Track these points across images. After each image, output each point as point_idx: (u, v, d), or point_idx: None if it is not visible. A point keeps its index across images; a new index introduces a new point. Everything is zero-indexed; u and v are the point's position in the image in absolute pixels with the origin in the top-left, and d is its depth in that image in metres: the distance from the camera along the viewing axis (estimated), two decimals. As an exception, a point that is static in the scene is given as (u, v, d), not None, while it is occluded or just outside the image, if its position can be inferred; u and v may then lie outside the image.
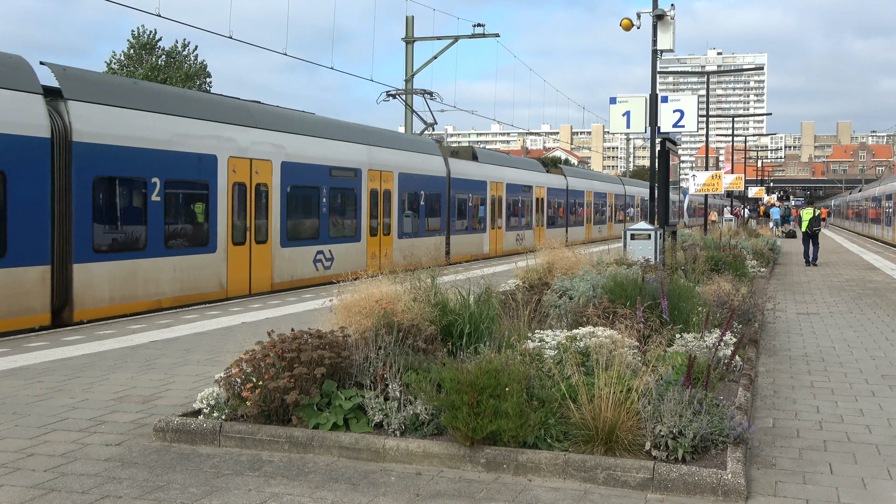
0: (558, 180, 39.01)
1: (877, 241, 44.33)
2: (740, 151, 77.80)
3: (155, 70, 44.02)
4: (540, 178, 36.24)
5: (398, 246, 22.49)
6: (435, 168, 25.46)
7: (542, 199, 35.71)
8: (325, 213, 19.28)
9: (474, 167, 28.86)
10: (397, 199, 22.63)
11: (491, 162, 30.94)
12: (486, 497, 5.03)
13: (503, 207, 30.92)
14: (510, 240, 31.58)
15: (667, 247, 14.35)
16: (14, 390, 7.90)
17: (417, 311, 7.23)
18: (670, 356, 7.40)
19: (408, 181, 23.32)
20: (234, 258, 16.07)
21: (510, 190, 31.73)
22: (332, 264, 19.31)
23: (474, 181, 28.45)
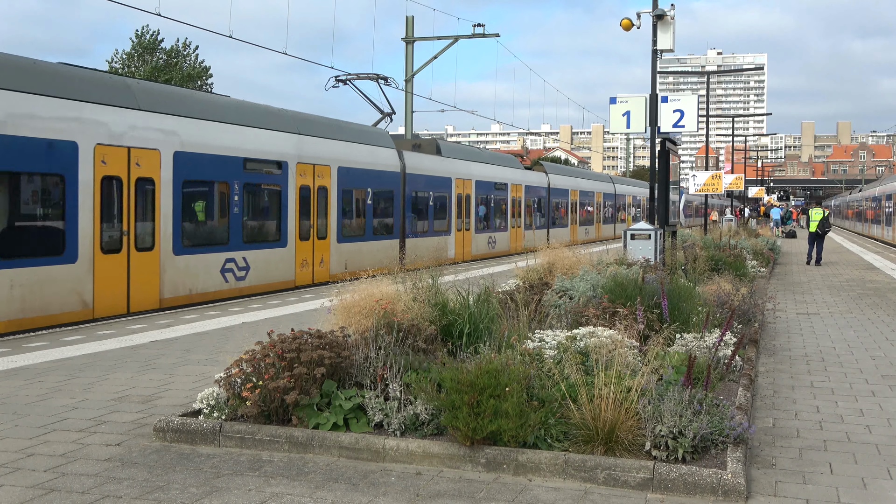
0: (538, 178, 36.17)
1: (877, 241, 44.33)
2: (740, 151, 77.83)
3: (157, 70, 44.03)
4: (517, 175, 33.16)
5: (338, 251, 19.83)
6: (386, 162, 22.53)
7: (518, 199, 32.84)
8: (236, 214, 16.32)
9: (436, 162, 25.94)
10: (337, 197, 19.78)
11: (457, 156, 28.01)
12: (486, 497, 5.03)
13: (472, 207, 28.11)
14: (481, 243, 28.92)
15: (667, 247, 14.34)
16: (14, 390, 7.90)
17: (417, 311, 7.24)
18: (670, 356, 7.40)
19: (350, 176, 20.48)
20: (103, 270, 13.00)
21: (481, 188, 28.94)
22: (248, 274, 16.60)
23: (436, 177, 25.53)
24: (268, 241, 17.40)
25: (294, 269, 18.02)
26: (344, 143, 20.54)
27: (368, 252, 20.92)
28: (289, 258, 17.98)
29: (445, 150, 27.26)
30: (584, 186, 43.48)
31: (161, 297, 14.31)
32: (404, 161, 23.55)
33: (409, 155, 24.15)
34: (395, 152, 23.22)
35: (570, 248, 12.79)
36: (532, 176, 35.51)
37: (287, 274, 17.79)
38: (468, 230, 27.82)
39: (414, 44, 33.79)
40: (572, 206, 40.73)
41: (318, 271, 18.91)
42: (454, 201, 26.66)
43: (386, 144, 22.94)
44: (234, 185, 16.24)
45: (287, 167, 17.89)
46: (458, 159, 27.78)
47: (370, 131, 22.84)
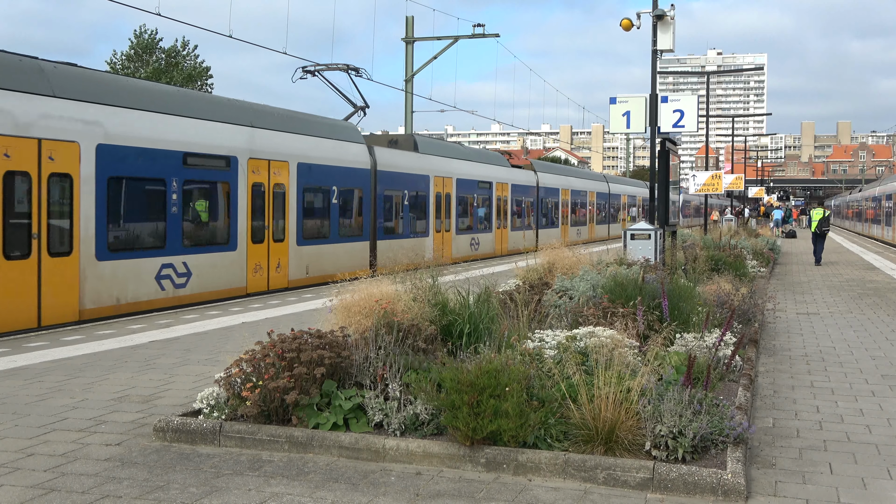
0: (526, 176, 34.27)
1: (877, 241, 44.33)
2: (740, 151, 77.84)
3: (157, 72, 44.00)
4: (502, 174, 31.27)
5: (298, 255, 18.18)
6: (353, 158, 20.75)
7: (504, 198, 31.07)
8: (175, 215, 14.69)
9: (412, 159, 24.29)
10: (296, 195, 18.15)
11: (436, 153, 26.15)
12: (486, 497, 5.03)
13: (452, 207, 26.45)
14: (462, 244, 27.13)
15: (667, 247, 14.34)
16: (14, 390, 7.90)
17: (417, 311, 7.24)
18: (670, 356, 7.40)
19: (313, 173, 18.87)
20: (6, 278, 11.61)
21: (462, 186, 27.27)
22: (190, 281, 15.05)
23: (412, 175, 23.86)
24: (214, 245, 15.80)
25: (245, 275, 16.44)
26: (305, 137, 18.95)
27: (333, 255, 19.47)
28: (239, 263, 16.34)
29: (423, 146, 25.49)
30: (576, 185, 41.71)
31: (81, 308, 12.80)
32: (375, 157, 21.89)
33: (381, 151, 22.55)
34: (365, 148, 21.58)
35: (570, 249, 12.77)
36: (519, 174, 33.76)
37: (237, 280, 16.24)
38: (448, 231, 26.14)
39: (414, 44, 33.79)
40: (563, 206, 38.95)
41: (275, 277, 17.42)
42: (432, 201, 25.03)
43: (355, 139, 21.26)
44: (172, 182, 14.62)
45: (237, 163, 16.29)
46: (437, 156, 26.06)
47: (336, 125, 21.03)
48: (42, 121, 12.29)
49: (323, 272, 18.71)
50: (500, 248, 30.63)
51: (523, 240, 32.63)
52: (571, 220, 40.24)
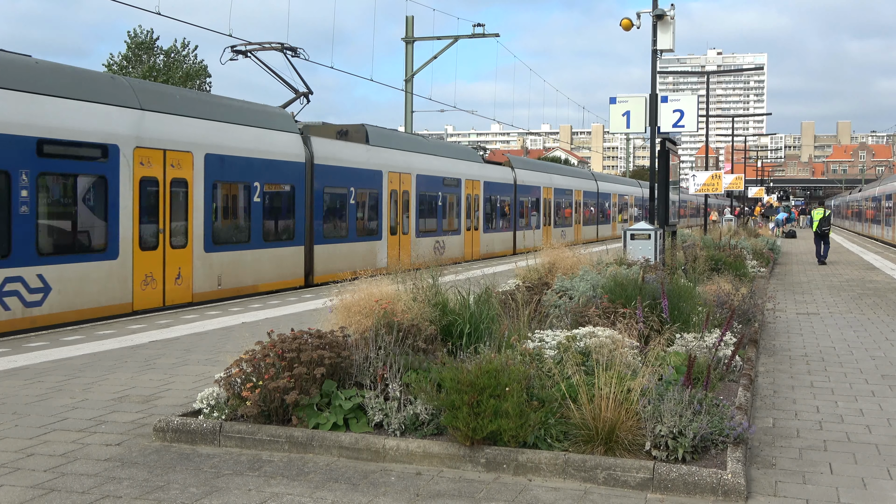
0: (502, 173, 31.37)
1: (877, 240, 44.34)
2: (740, 151, 77.83)
3: (153, 71, 43.97)
4: (473, 170, 28.32)
5: (206, 264, 15.30)
6: (283, 150, 17.85)
7: (475, 197, 28.22)
8: (25, 216, 11.88)
9: (360, 152, 21.30)
10: (203, 193, 15.25)
11: (392, 146, 23.30)
12: (486, 497, 5.03)
13: (412, 206, 23.78)
14: (424, 248, 24.23)
15: (667, 247, 14.35)
16: (14, 390, 7.90)
17: (417, 311, 7.24)
18: (670, 356, 7.40)
19: (225, 167, 16.00)
20: None
21: (424, 183, 24.46)
22: (49, 298, 12.28)
23: (360, 170, 20.99)
24: (84, 253, 13.00)
25: (131, 289, 13.65)
26: (217, 123, 16.05)
27: (256, 263, 16.75)
28: (121, 274, 13.46)
29: (375, 137, 22.58)
30: (560, 183, 38.58)
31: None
32: (312, 149, 18.92)
33: (320, 142, 19.50)
34: (299, 138, 18.64)
35: (571, 249, 12.77)
36: (493, 171, 30.81)
37: (118, 295, 13.47)
38: (406, 234, 23.43)
39: (414, 44, 33.80)
40: (545, 206, 35.84)
41: (173, 290, 14.52)
42: (386, 199, 22.22)
43: (285, 128, 18.33)
44: (21, 175, 11.83)
45: (117, 153, 13.43)
46: (393, 149, 23.24)
47: (262, 112, 18.06)
48: None
49: (241, 283, 16.38)
50: (471, 252, 28.00)
51: (498, 242, 30.42)
52: (555, 220, 37.24)
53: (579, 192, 41.45)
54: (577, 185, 41.62)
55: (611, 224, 47.76)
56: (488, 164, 30.69)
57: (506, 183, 31.48)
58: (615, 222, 48.90)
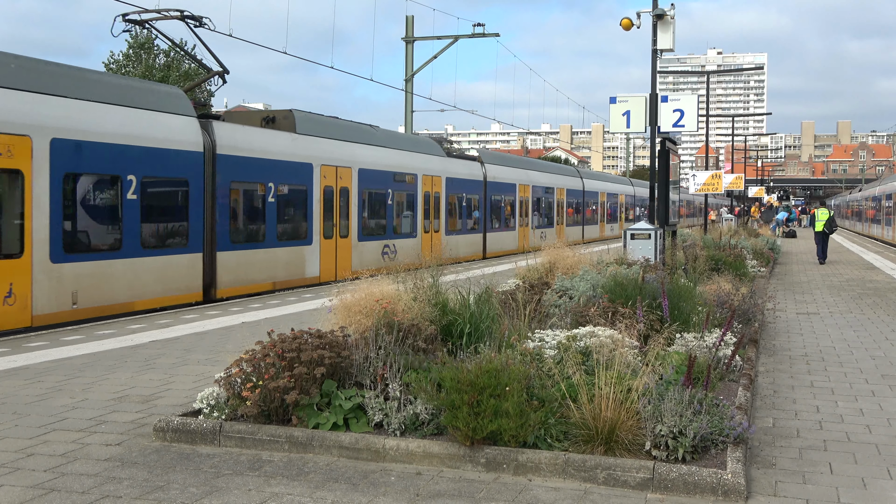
0: (468, 168, 28.17)
1: (877, 240, 44.34)
2: (740, 151, 77.85)
3: (153, 69, 43.95)
4: (432, 165, 25.27)
5: (55, 278, 12.38)
6: (170, 136, 14.83)
7: (435, 195, 25.22)
8: None
9: (282, 141, 17.99)
10: (48, 188, 12.25)
11: (325, 134, 19.87)
12: (486, 497, 5.03)
13: (352, 205, 20.47)
14: (369, 254, 21.14)
15: (667, 246, 14.35)
16: (14, 390, 7.90)
17: (417, 310, 7.23)
18: (670, 356, 7.40)
19: (83, 155, 12.97)
20: None
21: (369, 179, 21.25)
22: None
23: (282, 163, 17.72)
24: None
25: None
26: (71, 101, 13.10)
27: (131, 275, 13.79)
28: None
29: (305, 125, 19.25)
30: (539, 181, 35.30)
31: None
32: (213, 136, 15.84)
33: (225, 128, 16.36)
34: (195, 122, 15.60)
35: (572, 248, 12.76)
36: (458, 165, 27.49)
37: None
38: (345, 237, 20.10)
39: (414, 43, 33.80)
40: (521, 205, 32.73)
41: (2, 312, 11.62)
42: (318, 197, 18.92)
43: (177, 110, 15.35)
44: None
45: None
46: (328, 139, 19.88)
47: (140, 89, 15.29)
48: None
49: (109, 301, 13.45)
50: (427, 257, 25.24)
51: (464, 246, 27.11)
52: (534, 221, 34.13)
53: (562, 191, 38.35)
54: (560, 182, 38.44)
55: (598, 225, 44.92)
56: (452, 159, 27.57)
57: (473, 179, 28.35)
58: (603, 223, 46.16)
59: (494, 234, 29.69)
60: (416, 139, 26.97)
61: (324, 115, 21.22)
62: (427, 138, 28.15)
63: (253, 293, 15.54)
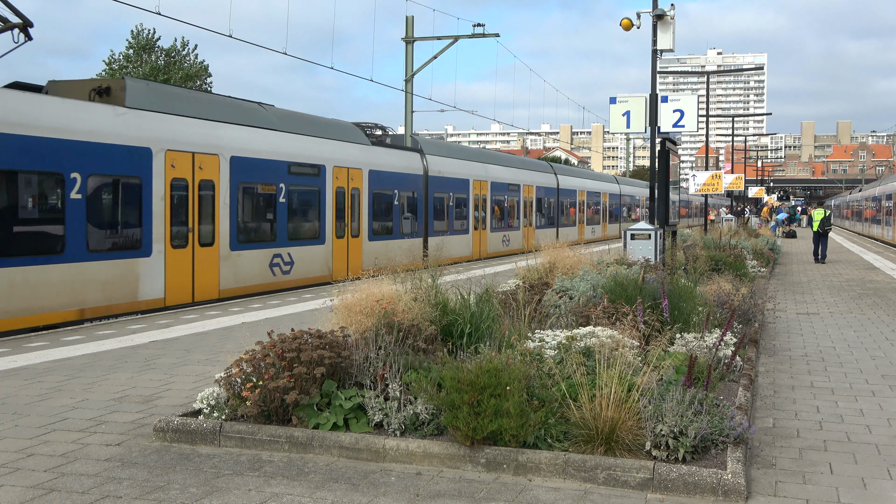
0: (403, 160, 23.40)
1: (877, 240, 44.34)
2: (740, 151, 77.85)
3: (155, 70, 43.97)
4: (348, 154, 20.30)
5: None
6: None
7: (355, 192, 20.39)
8: None
9: (99, 117, 13.68)
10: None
11: (174, 110, 15.49)
12: (486, 497, 5.03)
13: (220, 204, 15.82)
14: (249, 267, 16.51)
15: (667, 247, 14.35)
16: (14, 390, 7.90)
17: (418, 310, 7.23)
18: (671, 356, 7.40)
19: None
20: None
21: (245, 171, 16.44)
22: None
23: (103, 146, 13.41)
24: None
25: None
26: None
27: None
28: None
29: (140, 96, 14.98)
30: (500, 176, 30.49)
31: None
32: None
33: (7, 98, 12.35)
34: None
35: (573, 248, 12.75)
36: (387, 156, 22.68)
37: None
38: (210, 245, 15.52)
39: (414, 44, 33.78)
40: (477, 204, 28.11)
41: None
42: (161, 192, 14.52)
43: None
44: None
45: None
46: (178, 116, 15.44)
47: None
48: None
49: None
50: (344, 267, 19.67)
51: (397, 252, 20.89)
52: (493, 223, 29.61)
53: (529, 188, 33.50)
54: (528, 178, 33.67)
55: (577, 227, 40.09)
56: (379, 148, 22.79)
57: (410, 173, 23.60)
58: (582, 225, 41.22)
59: (440, 239, 24.55)
60: (325, 122, 21.72)
61: (176, 87, 16.72)
62: (345, 123, 22.63)
63: (35, 327, 12.03)
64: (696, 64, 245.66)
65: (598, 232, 44.18)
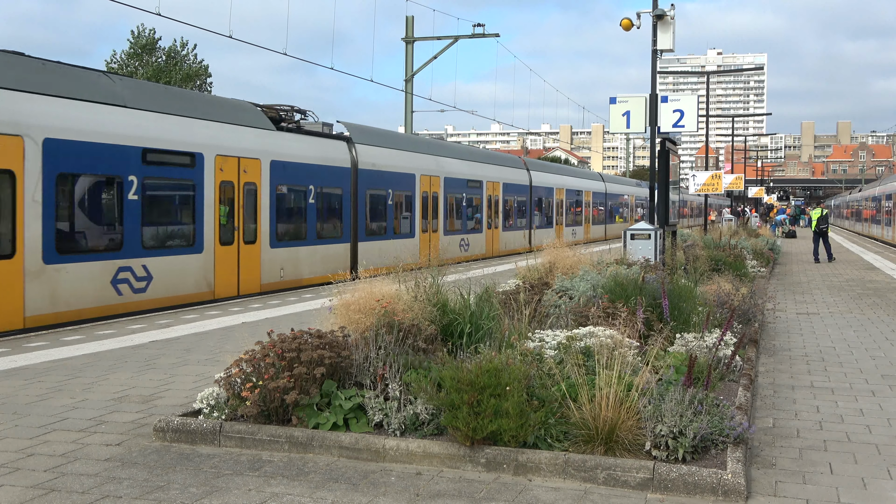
0: (322, 150, 19.37)
1: (877, 240, 44.33)
2: (740, 151, 77.82)
3: (158, 71, 43.94)
4: (241, 141, 16.79)
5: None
6: None
7: (249, 187, 16.78)
8: None
9: None
10: None
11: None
12: (486, 497, 5.03)
13: (24, 203, 11.93)
14: (79, 284, 12.84)
15: (667, 247, 14.34)
16: (14, 390, 7.90)
17: (418, 310, 7.23)
18: (671, 356, 7.40)
19: None
20: None
21: (72, 158, 12.75)
22: None
23: None
24: None
25: None
26: None
27: None
28: None
29: None
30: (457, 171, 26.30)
31: None
32: None
33: None
34: None
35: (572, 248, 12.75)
36: (298, 145, 18.69)
37: None
38: (7, 257, 11.79)
39: (414, 44, 33.79)
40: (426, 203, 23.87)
41: None
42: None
43: None
44: None
45: None
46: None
47: None
48: None
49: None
50: (229, 283, 16.23)
51: (317, 261, 18.68)
52: (446, 224, 25.31)
53: (495, 185, 29.42)
54: (493, 174, 29.55)
55: (553, 229, 36.04)
56: (286, 134, 18.64)
57: (333, 166, 19.72)
58: (561, 227, 37.03)
59: (374, 244, 20.89)
60: (205, 100, 18.35)
61: None
62: (239, 101, 18.29)
63: None
64: (695, 64, 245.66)
65: (580, 234, 40.28)
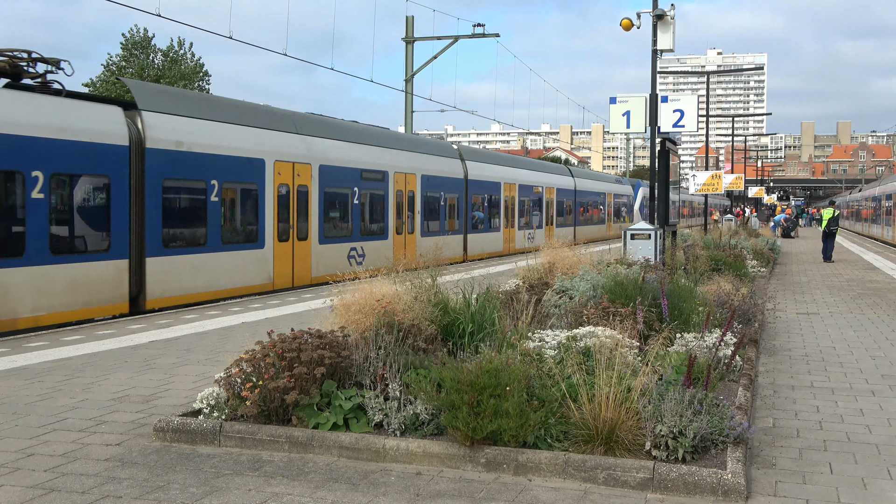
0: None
1: (877, 240, 44.33)
2: (740, 151, 77.82)
3: (150, 68, 43.87)
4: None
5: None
6: None
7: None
8: None
9: None
10: None
11: None
12: (486, 497, 5.03)
13: None
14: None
15: (667, 247, 14.34)
16: (14, 390, 7.90)
17: (418, 310, 7.23)
18: (670, 356, 7.39)
19: None
20: None
21: None
22: None
23: None
24: None
25: None
26: None
27: None
28: None
29: None
30: (344, 159, 20.10)
31: None
32: None
33: None
34: None
35: (572, 249, 12.74)
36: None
37: None
38: None
39: (414, 44, 33.78)
40: (281, 203, 17.56)
41: None
42: None
43: None
44: None
45: None
46: None
47: None
48: None
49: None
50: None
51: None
52: (326, 228, 19.30)
53: (411, 178, 23.60)
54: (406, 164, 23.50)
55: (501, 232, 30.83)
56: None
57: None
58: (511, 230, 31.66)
59: (181, 259, 15.01)
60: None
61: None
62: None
63: None
64: (695, 64, 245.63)
65: (539, 238, 32.69)
